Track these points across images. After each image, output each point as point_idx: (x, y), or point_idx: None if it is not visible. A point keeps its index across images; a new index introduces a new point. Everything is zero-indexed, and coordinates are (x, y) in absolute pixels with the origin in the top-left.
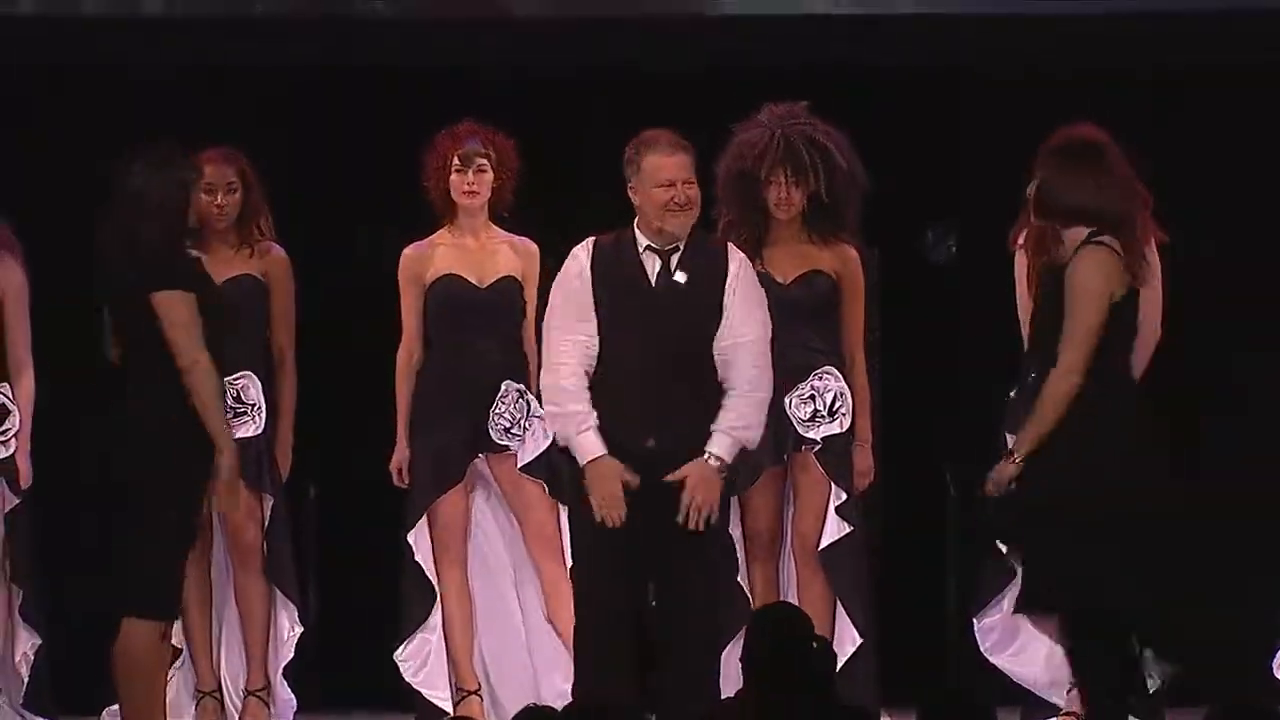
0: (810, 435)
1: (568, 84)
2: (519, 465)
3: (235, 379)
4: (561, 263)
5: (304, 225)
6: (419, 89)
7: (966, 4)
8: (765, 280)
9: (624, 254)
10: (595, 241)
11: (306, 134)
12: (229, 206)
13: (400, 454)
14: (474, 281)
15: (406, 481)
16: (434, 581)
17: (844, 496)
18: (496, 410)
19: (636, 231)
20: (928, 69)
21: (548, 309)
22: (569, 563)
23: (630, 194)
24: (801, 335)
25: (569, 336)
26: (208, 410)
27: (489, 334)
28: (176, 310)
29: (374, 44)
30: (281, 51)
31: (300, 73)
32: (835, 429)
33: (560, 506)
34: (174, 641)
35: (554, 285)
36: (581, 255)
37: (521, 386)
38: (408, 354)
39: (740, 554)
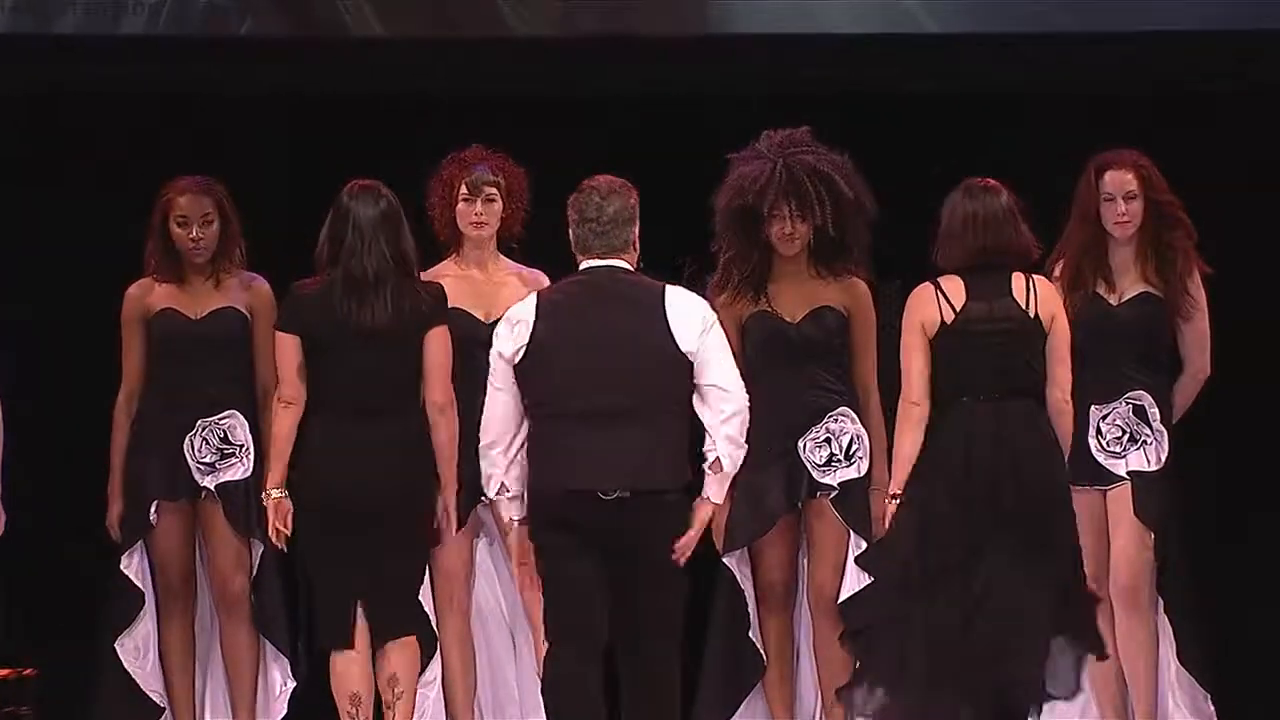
0: (826, 481)
1: (569, 106)
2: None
3: (221, 419)
4: None
5: (295, 257)
6: (415, 112)
7: (995, 22)
8: (772, 319)
9: None
10: None
11: (299, 161)
12: (206, 239)
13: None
14: (480, 317)
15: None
16: (436, 632)
17: (863, 545)
18: None
19: None
20: (950, 92)
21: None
22: None
23: (635, 239)
24: (813, 376)
25: None
26: (452, 447)
27: None
28: (446, 346)
29: (368, 65)
30: (269, 74)
31: (289, 96)
32: (853, 474)
33: None
34: (155, 699)
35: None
36: None
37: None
38: None
39: (752, 607)
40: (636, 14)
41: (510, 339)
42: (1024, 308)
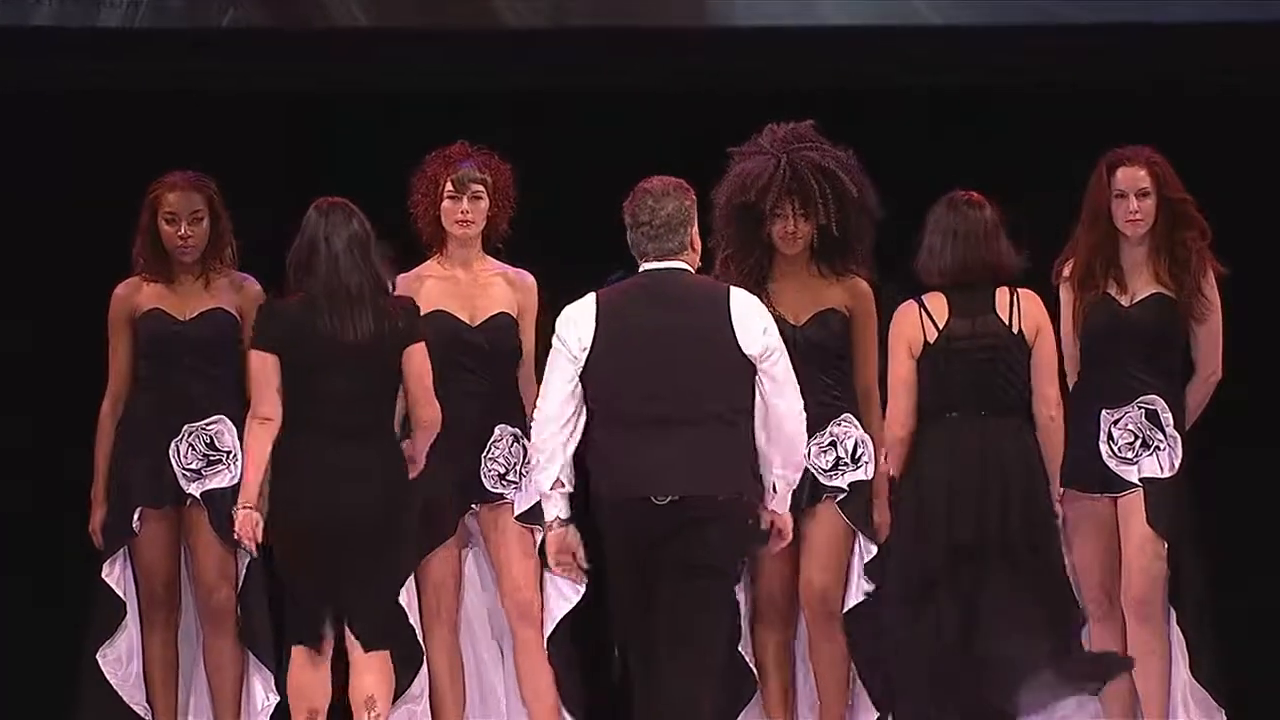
0: (835, 483)
1: (560, 101)
2: (515, 514)
3: (208, 424)
4: (560, 296)
5: (279, 256)
6: (402, 106)
7: (1000, 13)
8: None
9: None
10: None
11: (280, 157)
12: (195, 237)
13: None
14: (465, 319)
15: None
16: (423, 646)
17: (874, 550)
18: (489, 456)
19: None
20: (952, 86)
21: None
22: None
23: (695, 238)
24: (815, 380)
25: None
26: (422, 457)
27: (481, 375)
28: (426, 362)
29: (353, 57)
30: (252, 67)
31: (273, 90)
32: (861, 475)
33: (541, 566)
34: (138, 710)
35: None
36: None
37: (516, 431)
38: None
39: (745, 621)
40: (632, 6)
41: (574, 334)
42: (1007, 324)
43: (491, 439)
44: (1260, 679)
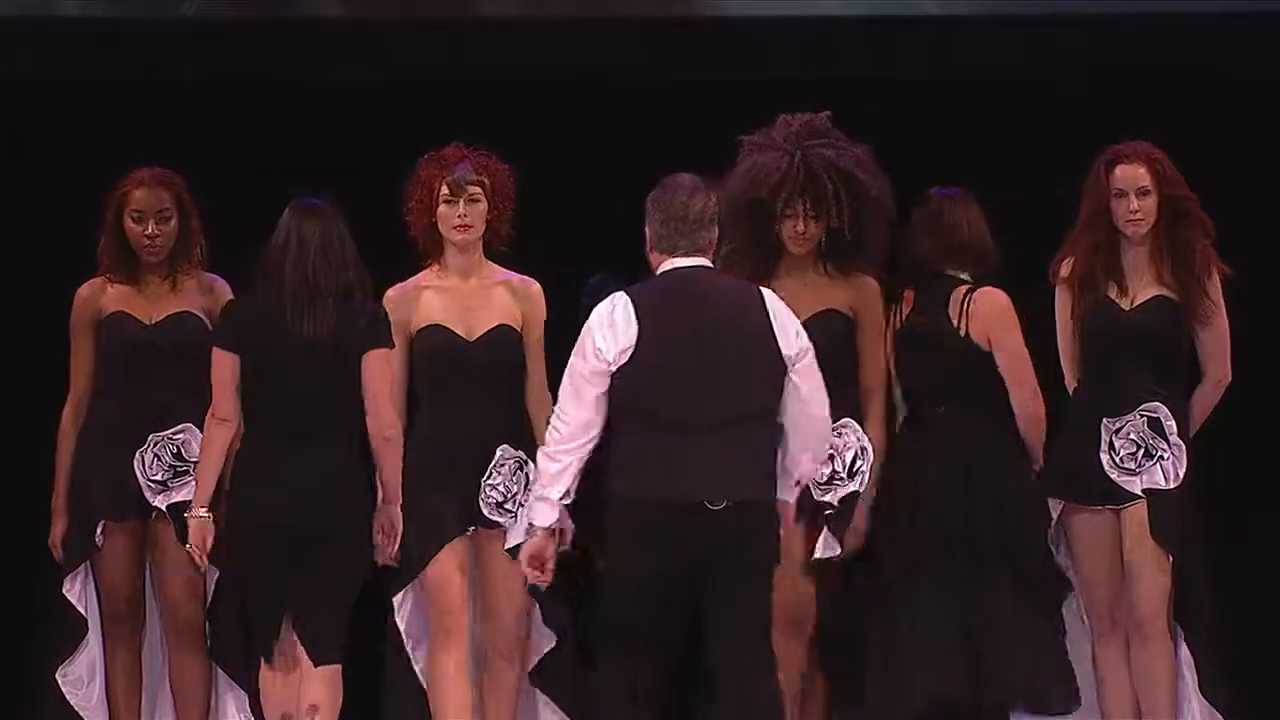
0: (825, 499)
1: (536, 93)
2: (505, 546)
3: (174, 433)
4: (565, 301)
5: (249, 255)
6: (377, 100)
7: (1000, 4)
8: None
9: None
10: None
11: (260, 157)
12: (162, 236)
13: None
14: (461, 334)
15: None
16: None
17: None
18: (489, 481)
19: None
20: (955, 78)
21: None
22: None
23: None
24: None
25: None
26: (396, 474)
27: (481, 393)
28: (386, 370)
29: (324, 49)
30: (218, 60)
31: (242, 85)
32: (854, 487)
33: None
34: None
35: None
36: None
37: (521, 455)
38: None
39: None
40: None
41: (613, 340)
42: (955, 325)
43: (492, 462)
44: (1273, 696)
